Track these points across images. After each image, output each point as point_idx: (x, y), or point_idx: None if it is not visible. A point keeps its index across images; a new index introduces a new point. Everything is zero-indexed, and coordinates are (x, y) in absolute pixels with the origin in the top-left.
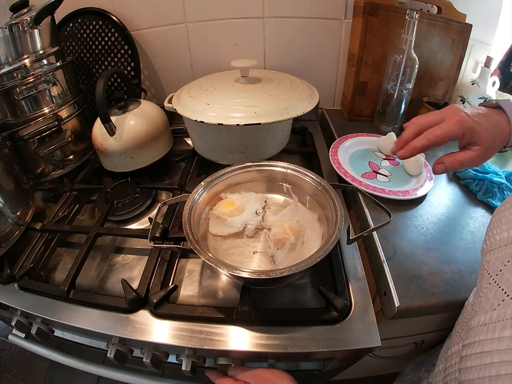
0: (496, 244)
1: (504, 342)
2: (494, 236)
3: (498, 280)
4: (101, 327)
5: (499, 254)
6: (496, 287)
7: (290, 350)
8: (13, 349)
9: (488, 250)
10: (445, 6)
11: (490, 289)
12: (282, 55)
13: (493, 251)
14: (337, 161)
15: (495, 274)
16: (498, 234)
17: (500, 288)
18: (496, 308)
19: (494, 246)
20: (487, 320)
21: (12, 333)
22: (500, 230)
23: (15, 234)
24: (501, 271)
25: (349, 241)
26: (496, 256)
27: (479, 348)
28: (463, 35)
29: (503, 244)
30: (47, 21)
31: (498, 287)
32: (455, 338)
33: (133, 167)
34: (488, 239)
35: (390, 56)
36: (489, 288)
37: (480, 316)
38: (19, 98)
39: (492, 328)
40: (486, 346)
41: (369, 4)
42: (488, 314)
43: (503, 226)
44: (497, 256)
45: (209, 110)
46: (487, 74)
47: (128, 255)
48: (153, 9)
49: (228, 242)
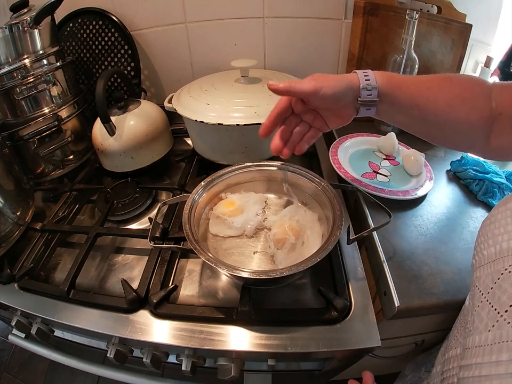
0: (484, 260)
1: (502, 367)
2: (481, 251)
3: (490, 298)
4: (101, 327)
5: (489, 270)
6: (488, 306)
7: (290, 350)
8: (13, 349)
9: (477, 266)
10: (445, 6)
11: (483, 308)
12: (282, 55)
13: (482, 267)
14: (337, 161)
15: (487, 292)
16: (485, 249)
17: (492, 307)
18: (491, 329)
19: (482, 261)
20: (482, 341)
21: (12, 333)
22: (487, 245)
23: (15, 234)
24: (492, 289)
25: (349, 241)
26: (486, 273)
27: (477, 371)
28: (463, 35)
29: (491, 259)
30: (47, 21)
31: (491, 306)
32: (453, 341)
33: (133, 167)
34: (477, 254)
35: (390, 56)
36: (482, 306)
37: (475, 336)
38: (19, 98)
39: (488, 350)
40: (483, 370)
41: (369, 3)
42: (483, 336)
43: (490, 241)
44: (487, 272)
45: (209, 110)
46: (487, 74)
47: (128, 255)
48: (153, 9)
49: (228, 242)
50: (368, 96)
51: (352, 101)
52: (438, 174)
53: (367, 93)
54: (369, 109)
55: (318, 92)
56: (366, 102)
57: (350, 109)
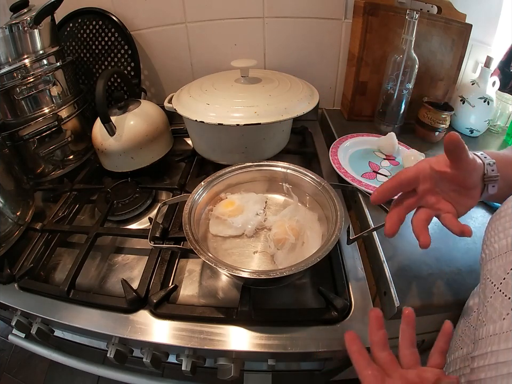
0: (496, 252)
1: None
2: (492, 244)
3: (503, 288)
4: (101, 327)
5: (500, 262)
6: (502, 296)
7: (290, 350)
8: (13, 349)
9: (488, 259)
10: (445, 6)
11: (496, 298)
12: (282, 55)
13: (494, 259)
14: (337, 161)
15: (499, 282)
16: (496, 242)
17: (506, 296)
18: (506, 317)
19: (494, 254)
20: (497, 330)
21: (12, 333)
22: (498, 238)
23: (15, 234)
24: (504, 279)
25: (349, 241)
26: (498, 265)
27: (493, 358)
28: (463, 35)
29: (503, 251)
30: (47, 21)
31: (504, 296)
32: (458, 342)
33: (133, 167)
34: (487, 248)
35: (390, 56)
36: (495, 297)
37: (489, 325)
38: (19, 98)
39: (504, 338)
40: (501, 357)
41: (369, 3)
42: (498, 324)
43: (500, 234)
44: (498, 264)
45: (209, 110)
46: (487, 74)
47: (128, 255)
48: (153, 9)
49: (228, 242)
50: (492, 171)
51: (478, 176)
52: None
53: (491, 168)
54: (494, 185)
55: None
56: (492, 177)
57: (477, 188)
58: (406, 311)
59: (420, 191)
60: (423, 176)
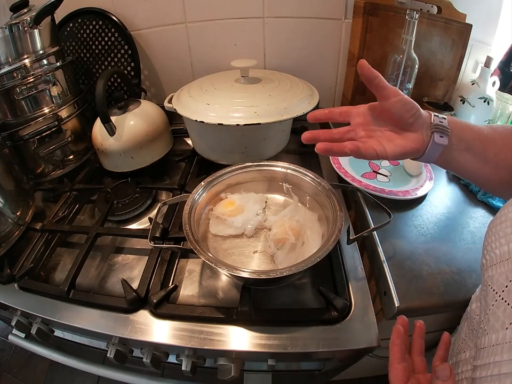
0: (497, 259)
1: None
2: (493, 250)
3: (505, 296)
4: (101, 327)
5: (502, 269)
6: (504, 304)
7: (290, 350)
8: (13, 349)
9: (489, 265)
10: (445, 6)
11: (498, 307)
12: (282, 55)
13: (495, 266)
14: (337, 161)
15: (501, 290)
16: (497, 248)
17: (508, 305)
18: (509, 327)
19: (495, 260)
20: (499, 340)
21: (12, 333)
22: (498, 244)
23: (15, 234)
24: (507, 287)
25: (349, 241)
26: (500, 271)
27: (496, 369)
28: (463, 35)
29: (504, 258)
30: (47, 21)
31: (507, 305)
32: (461, 345)
33: (133, 167)
34: (488, 254)
35: (390, 56)
36: (497, 305)
37: (491, 335)
38: (19, 98)
39: (507, 348)
40: (503, 368)
41: (369, 3)
42: (501, 334)
43: (501, 240)
44: (500, 271)
45: (209, 110)
46: (487, 74)
47: (128, 255)
48: (153, 9)
49: (228, 242)
50: (440, 122)
51: (423, 124)
52: (438, 174)
53: (438, 119)
54: (442, 136)
55: (398, 94)
56: (439, 126)
57: (417, 132)
58: (417, 324)
59: (353, 125)
60: (356, 112)
